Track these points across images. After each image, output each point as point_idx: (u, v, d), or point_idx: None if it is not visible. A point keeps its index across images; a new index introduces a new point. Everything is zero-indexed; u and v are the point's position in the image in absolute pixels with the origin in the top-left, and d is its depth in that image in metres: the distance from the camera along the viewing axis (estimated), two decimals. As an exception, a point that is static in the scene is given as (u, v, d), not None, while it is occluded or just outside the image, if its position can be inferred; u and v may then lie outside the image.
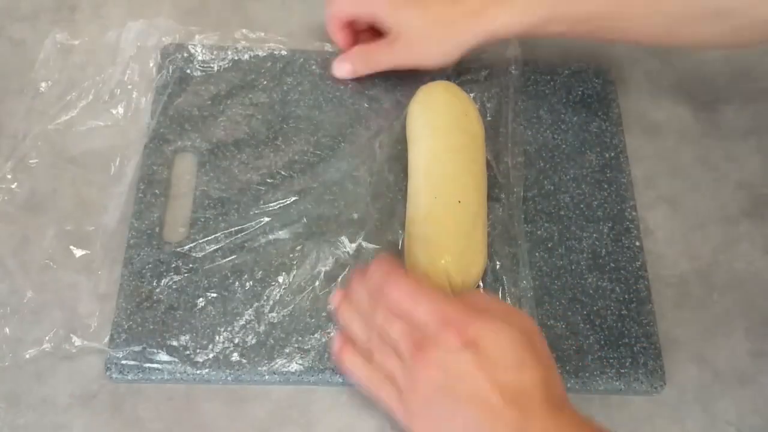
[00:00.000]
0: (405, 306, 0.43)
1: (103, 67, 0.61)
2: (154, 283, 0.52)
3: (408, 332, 0.43)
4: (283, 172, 0.57)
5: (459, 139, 0.54)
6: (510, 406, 0.39)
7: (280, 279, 0.53)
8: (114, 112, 0.59)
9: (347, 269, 0.54)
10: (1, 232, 0.54)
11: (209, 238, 0.54)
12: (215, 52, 0.62)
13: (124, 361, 0.49)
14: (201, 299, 0.52)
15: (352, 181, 0.57)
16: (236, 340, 0.51)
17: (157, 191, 0.56)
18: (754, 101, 0.65)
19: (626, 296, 0.54)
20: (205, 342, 0.51)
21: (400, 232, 0.55)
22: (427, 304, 0.42)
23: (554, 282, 0.55)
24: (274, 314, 0.52)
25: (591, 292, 0.54)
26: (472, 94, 0.60)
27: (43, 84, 0.60)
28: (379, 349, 0.45)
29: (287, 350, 0.51)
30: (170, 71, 0.61)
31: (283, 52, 0.62)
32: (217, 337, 0.51)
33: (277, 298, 0.52)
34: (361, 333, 0.47)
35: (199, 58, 0.61)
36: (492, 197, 0.57)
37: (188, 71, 0.61)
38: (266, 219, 0.55)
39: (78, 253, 0.54)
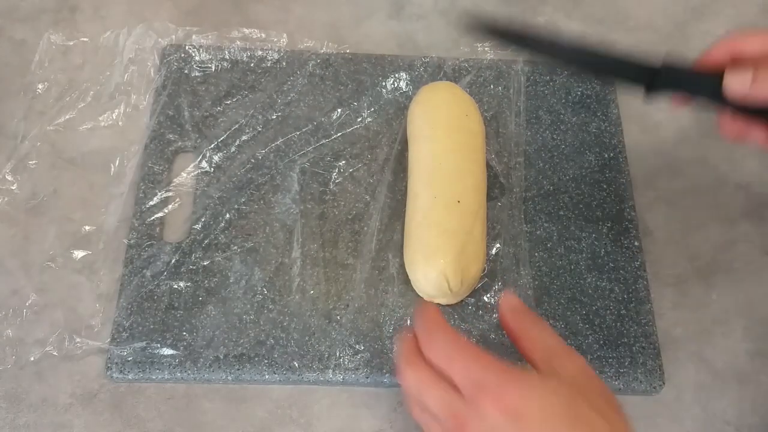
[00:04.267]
0: (441, 366, 0.40)
1: (102, 68, 0.61)
2: (155, 283, 0.52)
3: (444, 401, 0.39)
4: (282, 172, 0.57)
5: (459, 139, 0.54)
6: None
7: (280, 279, 0.53)
8: (113, 112, 0.60)
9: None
10: (1, 234, 0.55)
11: (209, 237, 0.54)
12: (213, 52, 0.62)
13: (128, 359, 0.50)
14: (201, 299, 0.52)
15: (352, 181, 0.57)
16: (236, 340, 0.51)
17: (157, 191, 0.56)
18: (753, 101, 0.65)
19: (625, 296, 0.54)
20: (205, 342, 0.51)
21: (400, 232, 0.55)
22: (461, 364, 0.39)
23: (553, 282, 0.55)
24: (274, 314, 0.52)
25: (590, 291, 0.55)
26: (472, 95, 0.60)
27: (41, 85, 0.60)
28: (421, 416, 0.41)
29: (287, 350, 0.51)
30: (169, 71, 0.61)
31: (283, 52, 0.62)
32: (217, 337, 0.51)
33: (277, 298, 0.53)
34: (405, 392, 0.43)
35: (197, 58, 0.61)
36: (492, 197, 0.57)
37: (187, 71, 0.61)
38: (266, 219, 0.55)
39: (79, 253, 0.54)
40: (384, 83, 0.62)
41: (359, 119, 0.60)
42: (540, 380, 0.38)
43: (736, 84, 0.42)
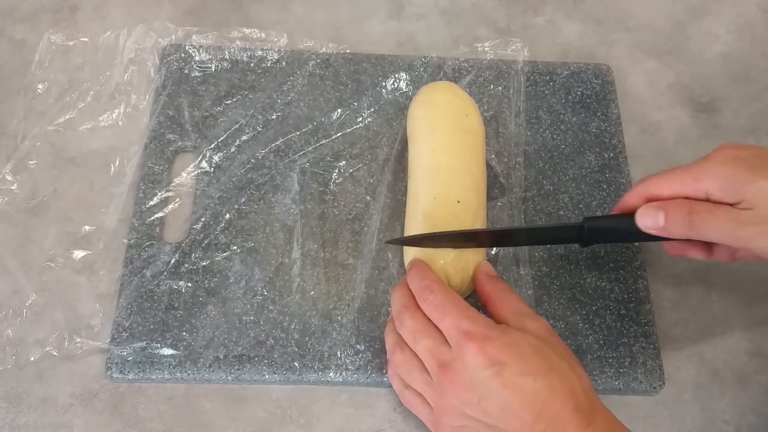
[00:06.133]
0: (434, 318, 0.44)
1: (102, 68, 0.61)
2: (155, 283, 0.52)
3: (433, 349, 0.43)
4: (282, 172, 0.57)
5: (459, 139, 0.54)
6: (540, 420, 0.40)
7: (280, 279, 0.53)
8: (113, 112, 0.60)
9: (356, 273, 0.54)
10: (1, 234, 0.55)
11: (209, 238, 0.54)
12: (213, 52, 0.62)
13: (128, 359, 0.50)
14: (201, 299, 0.52)
15: (352, 181, 0.57)
16: (236, 340, 0.51)
17: (157, 191, 0.56)
18: (753, 101, 0.65)
19: (625, 296, 0.54)
20: (205, 342, 0.51)
21: (400, 232, 0.55)
22: (452, 317, 0.43)
23: (553, 282, 0.55)
24: (274, 314, 0.52)
25: (590, 291, 0.55)
26: (472, 95, 0.60)
27: (41, 85, 0.60)
28: (404, 365, 0.46)
29: (287, 350, 0.51)
30: (169, 71, 0.61)
31: (283, 52, 0.62)
32: (217, 337, 0.51)
33: (277, 298, 0.53)
34: (389, 346, 0.48)
35: (197, 58, 0.61)
36: (492, 197, 0.57)
37: (187, 71, 0.61)
38: (266, 219, 0.55)
39: (79, 253, 0.54)
40: (384, 83, 0.62)
41: (359, 119, 0.60)
42: (519, 334, 0.42)
43: (649, 220, 0.45)
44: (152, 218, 0.55)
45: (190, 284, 0.53)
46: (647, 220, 0.45)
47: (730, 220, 0.43)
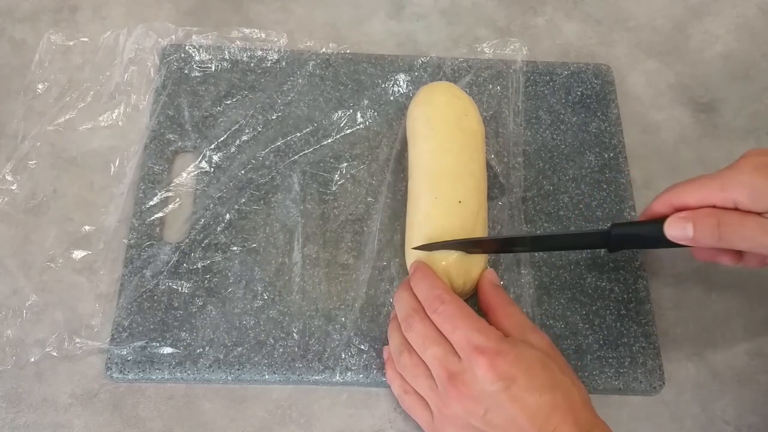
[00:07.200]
0: (443, 329, 0.44)
1: (102, 68, 0.61)
2: (155, 283, 0.52)
3: (442, 358, 0.44)
4: (282, 172, 0.57)
5: (459, 140, 0.54)
6: None
7: (281, 279, 0.53)
8: (113, 112, 0.60)
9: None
10: (1, 234, 0.55)
11: (209, 238, 0.54)
12: (213, 52, 0.62)
13: (127, 359, 0.50)
14: (201, 299, 0.52)
15: (352, 181, 0.57)
16: (236, 340, 0.51)
17: (157, 191, 0.56)
18: (753, 101, 0.65)
19: (625, 296, 0.54)
20: (205, 342, 0.51)
21: (401, 232, 0.55)
22: (463, 330, 0.43)
23: (553, 282, 0.55)
24: (274, 314, 0.52)
25: (590, 291, 0.55)
26: (472, 95, 0.60)
27: (41, 85, 0.60)
28: (410, 369, 0.46)
29: (288, 350, 0.51)
30: (169, 71, 0.61)
31: (283, 52, 0.62)
32: (217, 337, 0.51)
33: (278, 298, 0.53)
34: (395, 348, 0.48)
35: (197, 58, 0.61)
36: (492, 197, 0.57)
37: (187, 71, 0.61)
38: (266, 219, 0.55)
39: (79, 253, 0.54)
40: (384, 83, 0.62)
41: (359, 120, 0.60)
42: (527, 348, 0.43)
43: (677, 231, 0.45)
44: (152, 218, 0.55)
45: (189, 284, 0.53)
46: (676, 231, 0.45)
47: (759, 230, 0.42)
